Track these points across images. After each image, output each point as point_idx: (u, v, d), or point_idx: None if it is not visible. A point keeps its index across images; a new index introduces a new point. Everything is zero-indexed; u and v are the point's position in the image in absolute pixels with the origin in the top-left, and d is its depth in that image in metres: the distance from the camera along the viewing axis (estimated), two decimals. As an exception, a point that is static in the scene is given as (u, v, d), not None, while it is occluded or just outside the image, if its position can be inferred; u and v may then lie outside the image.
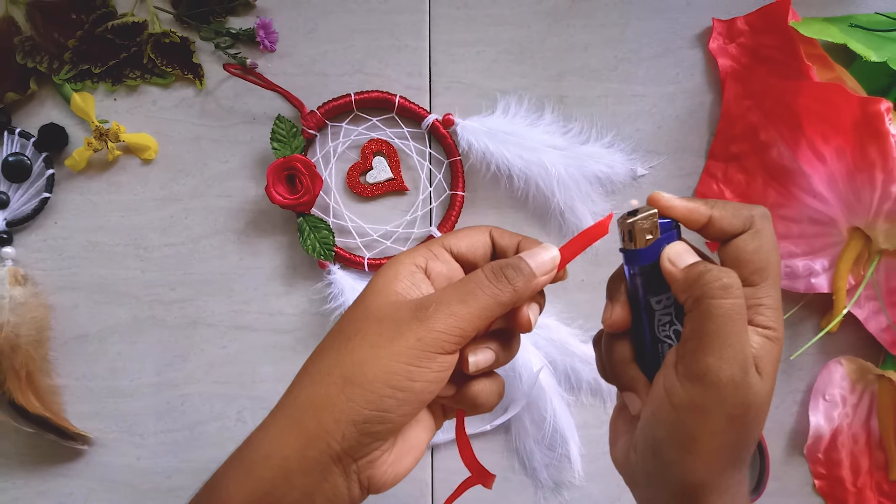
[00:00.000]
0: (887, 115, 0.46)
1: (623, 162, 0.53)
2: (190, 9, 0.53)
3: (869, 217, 0.48)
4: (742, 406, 0.29)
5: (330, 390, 0.29)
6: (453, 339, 0.29)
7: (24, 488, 0.53)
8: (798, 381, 0.54)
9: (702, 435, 0.29)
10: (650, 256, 0.32)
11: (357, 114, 0.53)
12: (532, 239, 0.33)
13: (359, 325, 0.30)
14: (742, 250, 0.31)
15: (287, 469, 0.29)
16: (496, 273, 0.30)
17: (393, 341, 0.29)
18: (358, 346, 0.29)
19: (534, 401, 0.52)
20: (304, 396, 0.29)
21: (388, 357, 0.28)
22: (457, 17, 0.54)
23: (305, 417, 0.29)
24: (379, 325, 0.29)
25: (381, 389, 0.28)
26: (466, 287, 0.30)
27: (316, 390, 0.29)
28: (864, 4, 0.54)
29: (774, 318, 0.30)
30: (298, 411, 0.29)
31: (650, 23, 0.54)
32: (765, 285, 0.30)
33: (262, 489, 0.29)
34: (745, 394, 0.28)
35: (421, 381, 0.29)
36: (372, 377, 0.28)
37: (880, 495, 0.53)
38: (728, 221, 0.31)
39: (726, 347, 0.28)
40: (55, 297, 0.53)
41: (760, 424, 0.30)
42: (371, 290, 0.31)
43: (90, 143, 0.52)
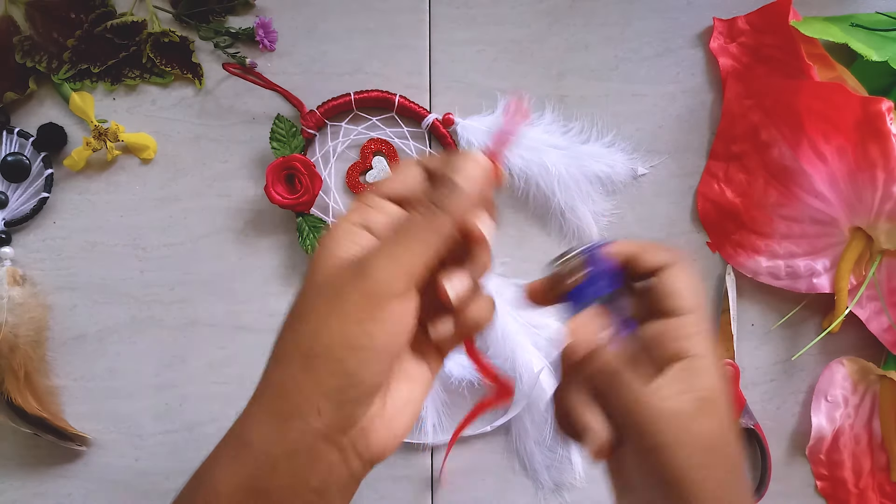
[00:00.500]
0: (888, 115, 0.46)
1: (624, 161, 0.53)
2: (189, 8, 0.52)
3: (870, 217, 0.48)
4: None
5: (293, 370, 0.28)
6: (400, 283, 0.28)
7: (22, 489, 0.53)
8: (800, 382, 0.54)
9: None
10: (583, 296, 0.32)
11: (357, 113, 0.53)
12: (455, 152, 0.32)
13: (307, 299, 0.29)
14: (666, 287, 0.31)
15: (270, 454, 0.28)
16: (426, 205, 0.29)
17: (337, 304, 0.27)
18: (309, 320, 0.28)
19: (534, 402, 0.52)
20: (272, 381, 0.29)
21: (337, 320, 0.27)
22: (457, 17, 0.54)
23: (277, 401, 0.28)
24: (323, 292, 0.28)
25: (340, 354, 0.27)
26: (402, 227, 0.29)
27: (281, 373, 0.28)
28: (864, 4, 0.54)
29: (708, 343, 0.31)
30: (270, 396, 0.29)
31: (651, 22, 0.54)
32: (693, 314, 0.31)
33: (250, 474, 0.28)
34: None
35: (381, 335, 0.28)
36: (327, 345, 0.27)
37: (882, 496, 0.53)
38: (651, 259, 0.32)
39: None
40: (54, 297, 0.53)
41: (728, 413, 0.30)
42: (314, 262, 0.30)
43: (89, 142, 0.51)
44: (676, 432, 0.29)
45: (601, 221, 0.53)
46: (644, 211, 0.54)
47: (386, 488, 0.53)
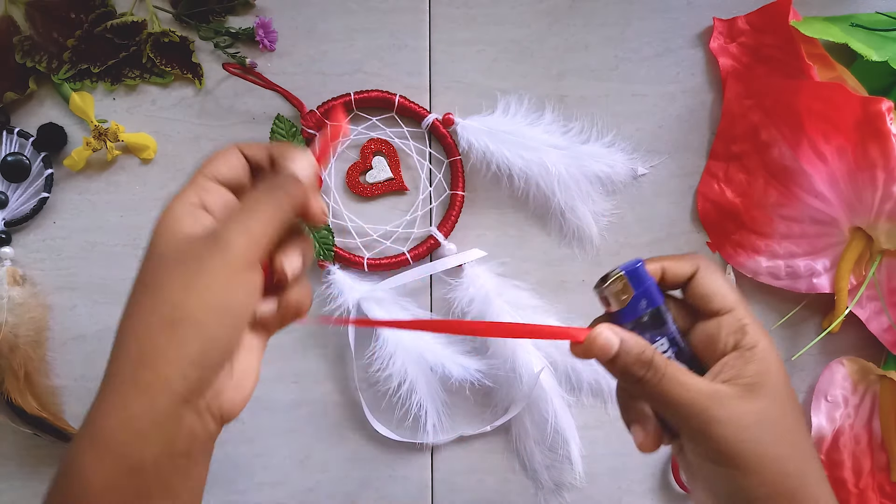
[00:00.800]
0: (888, 115, 0.46)
1: (624, 161, 0.53)
2: (189, 8, 0.52)
3: (870, 217, 0.48)
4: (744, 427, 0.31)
5: (157, 339, 0.29)
6: (254, 253, 0.30)
7: (23, 490, 0.53)
8: (800, 382, 0.54)
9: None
10: (633, 313, 0.35)
11: (357, 113, 0.53)
12: (278, 145, 0.35)
13: (160, 272, 0.30)
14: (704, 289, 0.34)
15: (140, 429, 0.28)
16: (271, 186, 0.32)
17: (200, 274, 0.29)
18: (168, 289, 0.29)
19: (534, 402, 0.52)
20: (132, 354, 0.29)
21: (202, 289, 0.29)
22: (457, 17, 0.54)
23: (140, 372, 0.29)
24: (179, 264, 0.30)
25: (205, 319, 0.29)
26: (249, 205, 0.31)
27: (142, 344, 0.29)
28: (864, 4, 0.54)
29: (757, 332, 0.33)
30: (131, 370, 0.29)
31: (651, 22, 0.54)
32: (737, 310, 0.34)
33: (122, 453, 0.28)
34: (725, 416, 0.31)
35: (237, 302, 0.30)
36: (193, 312, 0.29)
37: (882, 496, 0.53)
38: (681, 269, 0.35)
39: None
40: (54, 297, 0.53)
41: (796, 402, 0.33)
42: (157, 239, 0.31)
43: (89, 142, 0.51)
44: (724, 411, 0.31)
45: (601, 221, 0.53)
46: (644, 211, 0.54)
47: (386, 488, 0.53)
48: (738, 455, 0.31)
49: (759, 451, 0.31)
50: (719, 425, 0.31)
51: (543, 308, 0.53)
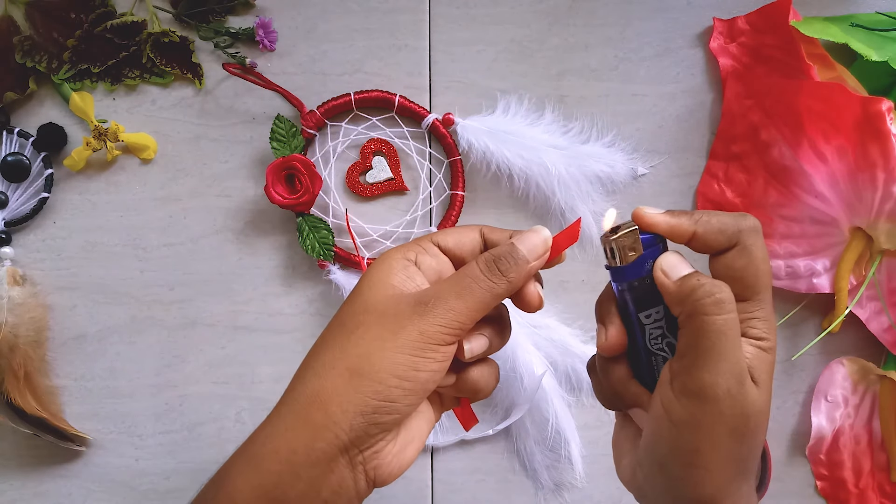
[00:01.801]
0: (888, 115, 0.46)
1: (624, 161, 0.53)
2: (189, 8, 0.52)
3: (870, 217, 0.48)
4: (741, 417, 0.29)
5: (336, 382, 0.29)
6: (453, 332, 0.30)
7: (23, 489, 0.53)
8: (800, 382, 0.54)
9: (704, 449, 0.29)
10: (636, 272, 0.32)
11: (357, 113, 0.53)
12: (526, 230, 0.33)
13: (360, 318, 0.31)
14: (730, 267, 0.31)
15: (294, 462, 0.29)
16: (489, 266, 0.31)
17: (397, 334, 0.30)
18: (361, 338, 0.30)
19: (535, 402, 0.52)
20: (309, 390, 0.30)
21: (394, 349, 0.29)
22: (457, 17, 0.54)
23: (312, 410, 0.29)
24: (381, 318, 0.30)
25: (388, 380, 0.29)
26: (462, 282, 0.31)
27: (322, 383, 0.30)
28: (864, 4, 0.54)
29: (767, 329, 0.31)
30: (304, 405, 0.30)
31: (650, 22, 0.54)
32: (756, 300, 0.31)
33: (270, 482, 0.29)
34: (743, 405, 0.29)
35: (425, 372, 0.30)
36: (378, 368, 0.29)
37: (882, 496, 0.53)
38: (713, 237, 0.31)
39: (721, 362, 0.29)
40: (54, 297, 0.53)
41: (762, 434, 0.30)
42: (367, 284, 0.32)
43: (89, 142, 0.51)
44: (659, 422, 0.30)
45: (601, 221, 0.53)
46: (644, 211, 0.54)
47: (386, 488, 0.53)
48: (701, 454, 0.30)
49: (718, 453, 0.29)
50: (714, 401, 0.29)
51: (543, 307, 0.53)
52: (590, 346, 0.53)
